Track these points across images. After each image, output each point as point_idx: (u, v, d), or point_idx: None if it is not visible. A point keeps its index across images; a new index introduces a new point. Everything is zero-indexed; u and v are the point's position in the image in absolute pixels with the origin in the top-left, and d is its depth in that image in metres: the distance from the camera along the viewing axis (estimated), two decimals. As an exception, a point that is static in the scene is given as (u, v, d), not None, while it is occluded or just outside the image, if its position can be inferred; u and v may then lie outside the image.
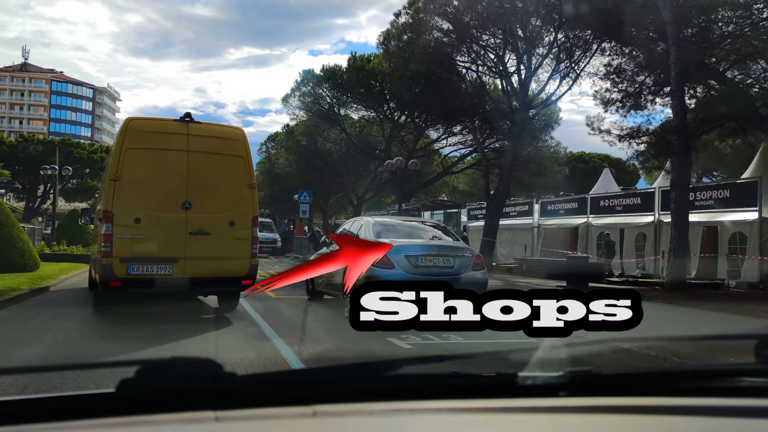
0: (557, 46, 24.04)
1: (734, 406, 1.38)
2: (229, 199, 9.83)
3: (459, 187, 52.10)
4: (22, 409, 1.23)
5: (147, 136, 9.68)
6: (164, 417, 1.22)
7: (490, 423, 1.35)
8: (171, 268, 9.35)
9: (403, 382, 1.48)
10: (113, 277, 9.20)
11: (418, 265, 9.58)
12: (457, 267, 9.90)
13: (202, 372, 1.35)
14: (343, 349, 7.71)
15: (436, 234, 11.53)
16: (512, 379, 1.44)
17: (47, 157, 45.51)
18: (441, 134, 38.36)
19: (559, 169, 37.17)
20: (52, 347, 7.53)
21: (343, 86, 36.50)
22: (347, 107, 38.43)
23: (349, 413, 1.32)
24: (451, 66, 27.14)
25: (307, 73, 38.38)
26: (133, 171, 9.32)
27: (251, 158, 10.17)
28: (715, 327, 10.07)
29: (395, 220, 13.22)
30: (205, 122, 10.64)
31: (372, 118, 39.23)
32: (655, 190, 22.51)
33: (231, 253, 9.69)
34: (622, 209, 23.45)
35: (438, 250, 10.21)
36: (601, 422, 1.35)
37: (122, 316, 10.10)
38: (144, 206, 9.37)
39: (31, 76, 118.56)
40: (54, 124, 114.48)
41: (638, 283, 18.74)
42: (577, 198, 27.58)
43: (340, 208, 57.95)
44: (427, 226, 12.67)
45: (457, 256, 10.12)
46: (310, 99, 38.09)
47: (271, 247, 36.67)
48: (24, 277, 14.81)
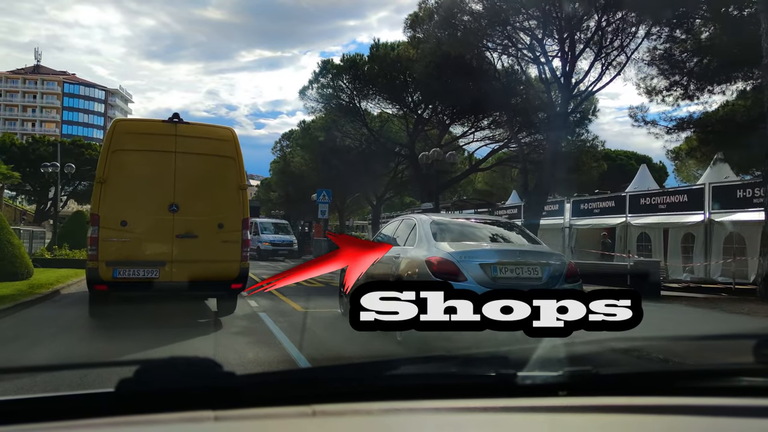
0: (601, 29, 21.69)
1: (734, 405, 1.37)
2: (217, 201, 9.66)
3: (477, 186, 50.15)
4: (22, 409, 1.24)
5: (134, 137, 9.57)
6: (164, 416, 1.22)
7: (490, 422, 1.35)
8: (158, 271, 9.22)
9: (402, 381, 1.48)
10: (99, 281, 9.10)
11: (497, 277, 7.51)
12: (546, 279, 7.77)
13: (201, 371, 1.36)
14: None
15: (508, 236, 9.44)
16: (512, 378, 1.44)
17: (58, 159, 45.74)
18: (468, 129, 35.55)
19: (597, 165, 34.63)
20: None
21: (364, 77, 33.75)
22: (368, 100, 35.59)
23: (349, 413, 1.32)
24: (481, 52, 25.09)
25: (326, 64, 35.50)
26: (119, 173, 9.22)
27: (242, 159, 9.94)
28: None
29: (455, 219, 10.66)
30: (195, 123, 10.43)
31: (394, 112, 36.68)
32: (704, 186, 20.52)
33: (220, 256, 9.51)
34: (666, 208, 21.52)
35: (521, 256, 8.05)
36: (601, 422, 1.35)
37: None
38: (130, 209, 9.26)
39: (43, 78, 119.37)
40: (66, 126, 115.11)
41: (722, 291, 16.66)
42: (614, 196, 25.23)
43: (356, 208, 56.56)
44: (494, 225, 10.13)
45: (546, 263, 7.95)
46: (329, 91, 35.26)
47: (288, 250, 35.31)
48: (9, 288, 12.69)
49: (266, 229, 36.16)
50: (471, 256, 7.71)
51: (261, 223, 36.50)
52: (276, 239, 35.37)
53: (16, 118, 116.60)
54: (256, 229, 34.79)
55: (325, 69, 35.37)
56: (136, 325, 9.43)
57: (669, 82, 20.73)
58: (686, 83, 20.48)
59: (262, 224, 36.44)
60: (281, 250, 34.63)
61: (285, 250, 34.86)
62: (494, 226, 10.04)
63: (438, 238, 8.29)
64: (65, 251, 21.88)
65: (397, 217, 11.97)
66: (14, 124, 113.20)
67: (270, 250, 34.08)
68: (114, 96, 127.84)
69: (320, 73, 35.59)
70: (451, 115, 33.97)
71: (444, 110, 33.85)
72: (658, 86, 21.11)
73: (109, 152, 9.27)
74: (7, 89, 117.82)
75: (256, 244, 33.68)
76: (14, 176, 43.39)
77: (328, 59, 36.18)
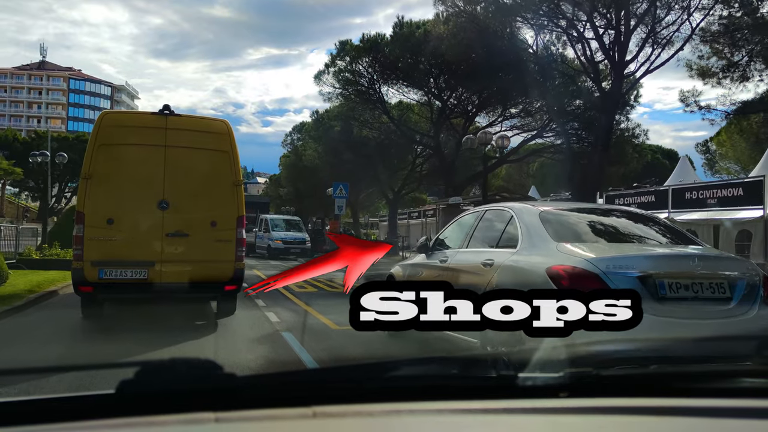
0: (653, 3, 19.69)
1: (734, 406, 1.37)
2: (210, 198, 9.18)
3: (492, 182, 47.40)
4: (22, 411, 1.24)
5: (121, 131, 9.13)
6: (164, 418, 1.23)
7: (491, 424, 1.35)
8: (146, 272, 8.78)
9: (403, 383, 1.48)
10: (84, 282, 8.68)
11: (665, 297, 4.93)
12: (738, 300, 5.09)
13: (201, 373, 1.36)
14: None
15: (655, 235, 6.33)
16: (512, 380, 1.44)
17: (62, 154, 45.10)
18: (496, 118, 32.69)
19: (638, 156, 31.96)
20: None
21: (386, 60, 30.97)
22: (390, 85, 32.70)
23: (349, 414, 1.33)
24: (516, 32, 23.17)
25: (343, 45, 32.53)
26: (105, 168, 8.79)
27: (237, 153, 9.42)
28: None
29: (567, 209, 7.02)
30: (187, 115, 9.94)
31: (416, 100, 34.11)
32: (763, 178, 18.40)
33: (212, 255, 9.03)
34: (717, 203, 19.30)
35: (698, 263, 5.37)
36: (602, 423, 1.34)
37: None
38: (117, 206, 8.82)
39: (48, 74, 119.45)
40: (72, 123, 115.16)
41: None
42: (655, 190, 22.82)
43: (367, 205, 54.52)
44: (627, 218, 6.82)
45: (735, 276, 5.25)
46: (347, 75, 32.56)
47: (300, 248, 32.95)
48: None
49: (277, 226, 34.02)
50: (622, 264, 5.10)
51: (272, 220, 34.61)
52: (288, 237, 33.26)
53: (21, 114, 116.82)
54: (267, 226, 33.48)
55: (343, 51, 32.54)
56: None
57: (726, 63, 19.00)
58: (746, 63, 18.80)
59: (272, 221, 34.47)
60: (293, 248, 32.60)
61: (297, 249, 32.82)
62: (627, 218, 6.81)
63: (558, 236, 5.67)
64: (55, 251, 19.54)
65: (469, 210, 9.11)
66: (20, 121, 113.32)
67: (281, 249, 32.22)
68: (120, 92, 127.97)
69: (337, 55, 32.70)
70: (480, 101, 31.34)
71: (471, 96, 31.41)
72: (713, 67, 19.42)
73: (96, 146, 8.87)
74: (12, 85, 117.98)
75: (266, 242, 32.60)
76: (16, 172, 42.41)
77: (347, 40, 33.13)
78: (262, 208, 39.86)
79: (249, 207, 43.60)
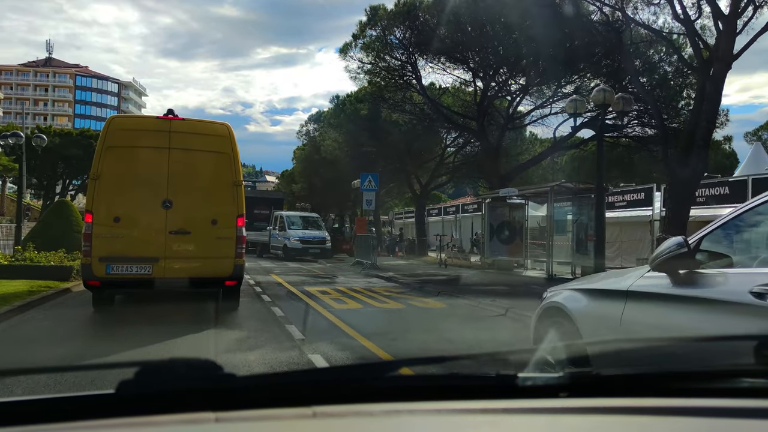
0: None
1: (734, 407, 1.37)
2: (211, 197, 9.75)
3: (533, 174, 40.39)
4: (22, 411, 1.25)
5: (128, 134, 9.73)
6: (164, 418, 1.23)
7: (490, 424, 1.35)
8: (151, 267, 9.33)
9: (403, 383, 1.49)
10: (92, 277, 9.30)
11: None
12: None
13: (201, 373, 1.37)
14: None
15: None
16: (512, 380, 1.44)
17: (65, 150, 44.11)
18: (549, 97, 27.37)
19: (721, 139, 28.26)
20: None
21: (424, 27, 25.48)
22: (427, 59, 27.33)
23: (349, 414, 1.33)
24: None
25: (374, 11, 26.88)
26: (112, 169, 9.38)
27: (238, 155, 9.97)
28: None
29: None
30: (190, 119, 10.56)
31: (456, 78, 28.75)
32: None
33: (213, 252, 9.58)
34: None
35: None
36: (602, 423, 1.34)
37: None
38: (123, 205, 9.43)
39: (55, 71, 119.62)
40: (79, 120, 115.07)
41: None
42: (729, 180, 20.57)
43: (387, 200, 50.59)
44: None
45: None
46: (378, 46, 27.33)
47: (320, 248, 30.23)
48: None
49: (294, 224, 31.21)
50: None
51: (288, 217, 31.73)
52: (306, 236, 30.39)
53: (27, 112, 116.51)
54: (283, 224, 30.86)
55: (374, 19, 26.95)
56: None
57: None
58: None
59: (289, 218, 31.60)
60: (312, 248, 30.00)
61: (317, 249, 30.15)
62: None
63: None
64: (29, 254, 15.20)
65: None
66: (26, 119, 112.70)
67: (299, 249, 29.68)
68: (127, 89, 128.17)
69: (368, 23, 27.27)
70: (536, 76, 25.78)
71: (521, 74, 26.46)
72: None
73: (104, 149, 9.43)
74: (18, 82, 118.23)
75: (282, 241, 30.38)
76: (16, 168, 41.17)
77: (378, 5, 27.17)
78: (275, 205, 37.10)
79: (261, 203, 41.77)
